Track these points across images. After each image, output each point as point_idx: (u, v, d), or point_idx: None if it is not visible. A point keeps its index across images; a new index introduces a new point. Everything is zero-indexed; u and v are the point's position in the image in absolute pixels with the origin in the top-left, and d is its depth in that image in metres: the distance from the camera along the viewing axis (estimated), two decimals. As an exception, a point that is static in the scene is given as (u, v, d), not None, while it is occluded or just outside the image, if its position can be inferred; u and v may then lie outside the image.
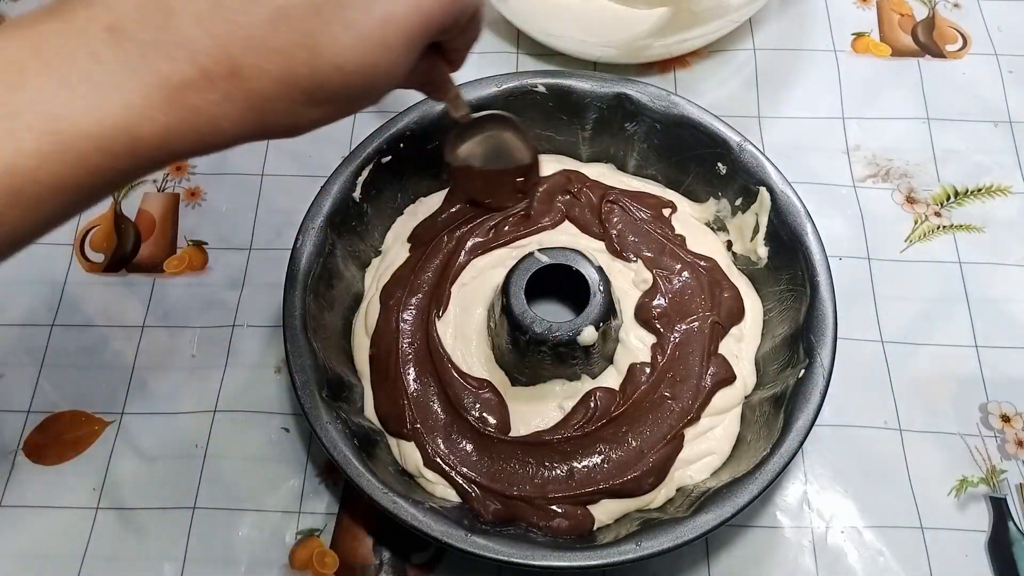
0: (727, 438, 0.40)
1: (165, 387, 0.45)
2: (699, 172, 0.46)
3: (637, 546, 0.35)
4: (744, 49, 0.56)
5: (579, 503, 0.38)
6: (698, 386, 0.41)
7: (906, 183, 0.51)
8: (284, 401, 0.45)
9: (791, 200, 0.42)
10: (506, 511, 0.38)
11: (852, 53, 0.56)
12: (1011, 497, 0.42)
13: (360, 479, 0.36)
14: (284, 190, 0.51)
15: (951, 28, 0.56)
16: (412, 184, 0.46)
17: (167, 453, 0.44)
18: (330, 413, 0.37)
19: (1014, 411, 0.44)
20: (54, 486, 0.43)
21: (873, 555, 0.41)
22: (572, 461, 0.39)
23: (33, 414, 0.45)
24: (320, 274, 0.41)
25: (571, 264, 0.40)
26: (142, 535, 0.42)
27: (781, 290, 0.43)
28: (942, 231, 0.49)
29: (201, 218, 0.50)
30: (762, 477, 0.36)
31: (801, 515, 0.42)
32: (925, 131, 0.53)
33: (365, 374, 0.42)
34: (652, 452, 0.39)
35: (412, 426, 0.40)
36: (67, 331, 0.47)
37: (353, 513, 0.42)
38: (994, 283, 0.48)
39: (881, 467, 0.43)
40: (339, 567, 0.41)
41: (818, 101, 0.54)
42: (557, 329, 0.39)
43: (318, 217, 0.42)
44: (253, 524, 0.42)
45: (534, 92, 0.45)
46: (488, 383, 0.41)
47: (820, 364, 0.38)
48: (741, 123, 0.52)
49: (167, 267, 0.49)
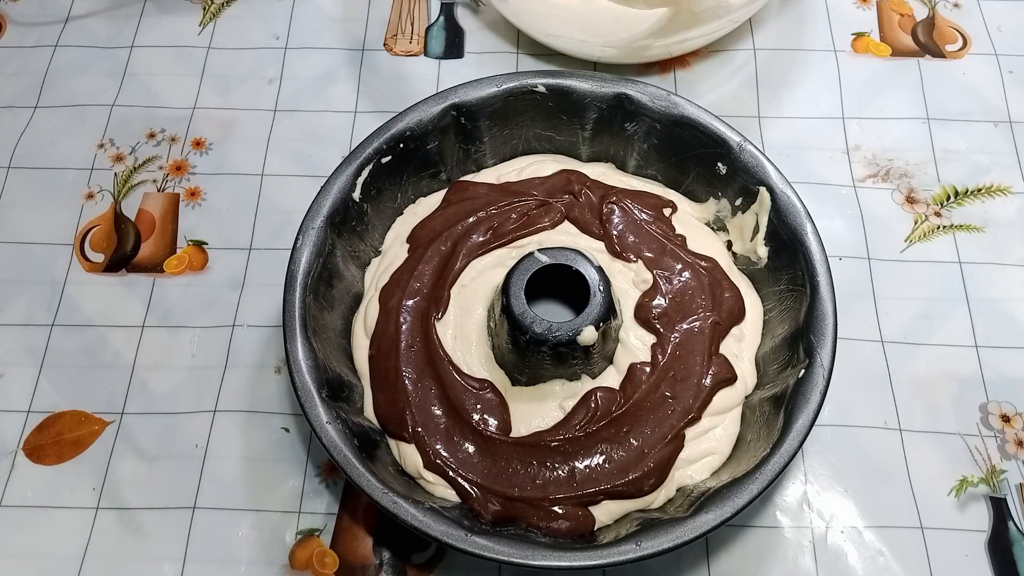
0: (727, 438, 0.40)
1: (165, 387, 0.45)
2: (699, 172, 0.46)
3: (637, 546, 0.35)
4: (744, 49, 0.56)
5: (580, 504, 0.38)
6: (699, 385, 0.41)
7: (906, 183, 0.51)
8: (284, 401, 0.45)
9: (791, 200, 0.42)
10: (507, 512, 0.38)
11: (852, 53, 0.56)
12: (1011, 497, 0.42)
13: (360, 479, 0.36)
14: (284, 190, 0.51)
15: (951, 28, 0.57)
16: (412, 184, 0.46)
17: (167, 453, 0.44)
18: (330, 413, 0.37)
19: (1014, 411, 0.44)
20: (54, 486, 0.43)
21: (873, 555, 0.41)
22: (574, 461, 0.39)
23: (33, 414, 0.45)
24: (320, 274, 0.41)
25: (571, 264, 0.40)
26: (142, 535, 0.42)
27: (781, 290, 0.43)
28: (942, 231, 0.49)
29: (201, 218, 0.50)
30: (762, 477, 0.36)
31: (801, 515, 0.42)
32: (925, 131, 0.53)
33: (365, 374, 0.42)
34: (653, 452, 0.39)
35: (413, 429, 0.40)
36: (67, 331, 0.47)
37: (353, 513, 0.42)
38: (994, 283, 0.48)
39: (881, 467, 0.43)
40: (339, 567, 0.41)
41: (818, 101, 0.54)
42: (557, 329, 0.39)
43: (318, 217, 0.42)
44: (253, 524, 0.42)
45: (534, 92, 0.45)
46: (489, 383, 0.41)
47: (820, 364, 0.38)
48: (741, 123, 0.52)
49: (167, 267, 0.49)
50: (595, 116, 0.46)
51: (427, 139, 0.45)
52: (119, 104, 0.54)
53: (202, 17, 0.58)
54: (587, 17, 0.51)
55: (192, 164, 0.52)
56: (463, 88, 0.45)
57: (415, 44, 0.56)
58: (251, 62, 0.56)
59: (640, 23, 0.51)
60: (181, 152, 0.52)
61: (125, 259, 0.49)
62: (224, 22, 0.57)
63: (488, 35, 0.57)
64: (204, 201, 0.51)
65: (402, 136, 0.44)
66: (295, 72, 0.55)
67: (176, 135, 0.53)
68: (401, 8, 0.58)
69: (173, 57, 0.56)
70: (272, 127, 0.53)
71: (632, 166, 0.48)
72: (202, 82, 0.55)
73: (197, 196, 0.51)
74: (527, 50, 0.56)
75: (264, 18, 0.57)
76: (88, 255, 0.49)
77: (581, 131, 0.47)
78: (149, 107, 0.54)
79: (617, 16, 0.51)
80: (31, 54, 0.56)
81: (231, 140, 0.53)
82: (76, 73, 0.55)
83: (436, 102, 0.45)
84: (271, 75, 0.55)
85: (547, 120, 0.47)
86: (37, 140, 0.53)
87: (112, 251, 0.49)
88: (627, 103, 0.45)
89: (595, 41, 0.52)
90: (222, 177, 0.51)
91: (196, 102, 0.54)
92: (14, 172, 0.52)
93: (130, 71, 0.55)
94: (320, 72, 0.55)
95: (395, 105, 0.51)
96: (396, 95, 0.54)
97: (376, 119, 0.50)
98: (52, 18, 0.58)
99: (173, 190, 0.51)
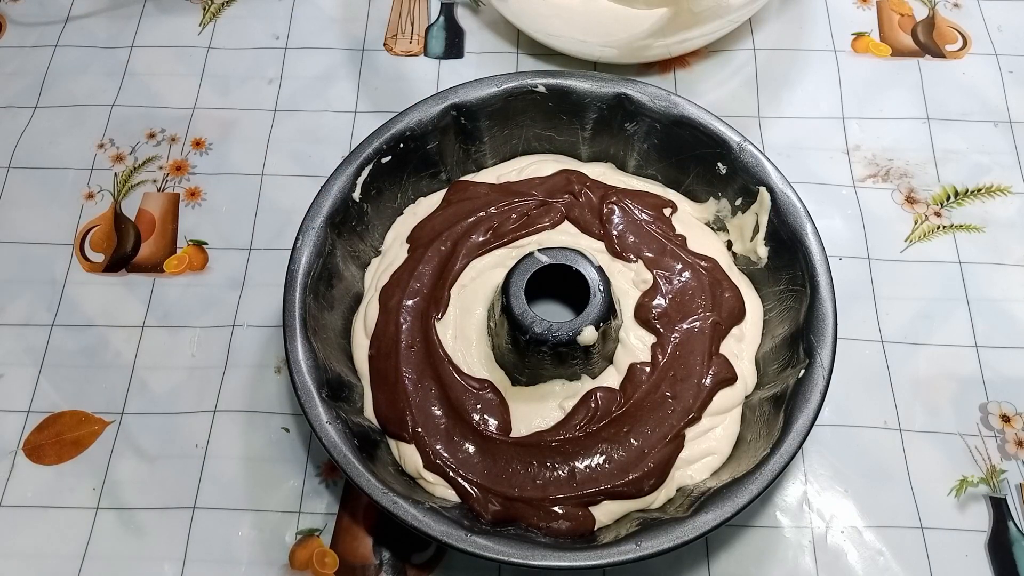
0: (727, 438, 0.40)
1: (165, 387, 0.45)
2: (699, 172, 0.46)
3: (637, 546, 0.35)
4: (744, 49, 0.56)
5: (581, 504, 0.38)
6: (699, 385, 0.41)
7: (906, 183, 0.51)
8: (284, 401, 0.45)
9: (791, 200, 0.42)
10: (507, 512, 0.38)
11: (852, 53, 0.56)
12: (1011, 497, 0.42)
13: (360, 479, 0.36)
14: (284, 190, 0.51)
15: (951, 28, 0.57)
16: (412, 184, 0.46)
17: (167, 453, 0.44)
18: (330, 413, 0.37)
19: (1014, 411, 0.44)
20: (54, 486, 0.43)
21: (873, 555, 0.41)
22: (574, 461, 0.39)
23: (33, 414, 0.45)
24: (320, 274, 0.41)
25: (571, 264, 0.40)
26: (142, 535, 0.42)
27: (781, 290, 0.43)
28: (942, 231, 0.49)
29: (201, 218, 0.50)
30: (762, 477, 0.36)
31: (801, 515, 0.42)
32: (925, 131, 0.53)
33: (364, 374, 0.42)
34: (653, 452, 0.39)
35: (413, 430, 0.40)
36: (67, 331, 0.47)
37: (353, 513, 0.42)
38: (994, 283, 0.48)
39: (881, 467, 0.43)
40: (339, 567, 0.41)
41: (818, 101, 0.54)
42: (557, 329, 0.39)
43: (318, 217, 0.42)
44: (253, 524, 0.42)
45: (534, 92, 0.45)
46: (489, 383, 0.41)
47: (820, 364, 0.38)
48: (741, 123, 0.52)
49: (167, 267, 0.49)
50: (595, 116, 0.46)
51: (427, 139, 0.45)
52: (119, 104, 0.54)
53: (202, 17, 0.58)
54: (587, 17, 0.51)
55: (192, 164, 0.52)
56: (463, 88, 0.45)
57: (415, 44, 0.56)
58: (251, 62, 0.56)
59: (640, 23, 0.51)
60: (181, 152, 0.52)
61: (125, 259, 0.49)
62: (224, 22, 0.57)
63: (488, 35, 0.57)
64: (204, 201, 0.51)
65: (402, 136, 0.44)
66: (295, 72, 0.55)
67: (176, 135, 0.53)
68: (401, 8, 0.58)
69: (173, 57, 0.56)
70: (272, 127, 0.53)
71: (632, 166, 0.48)
72: (202, 82, 0.55)
73: (197, 196, 0.51)
74: (527, 50, 0.56)
75: (264, 18, 0.57)
76: (88, 255, 0.49)
77: (581, 131, 0.47)
78: (149, 107, 0.54)
79: (617, 16, 0.51)
80: (31, 54, 0.56)
81: (231, 140, 0.53)
82: (76, 73, 0.55)
83: (436, 102, 0.45)
84: (271, 75, 0.55)
85: (547, 120, 0.47)
86: (37, 140, 0.53)
87: (112, 251, 0.49)
88: (627, 103, 0.45)
89: (595, 41, 0.52)
90: (222, 177, 0.51)
91: (196, 102, 0.54)
92: (14, 172, 0.52)
93: (130, 71, 0.55)
94: (320, 72, 0.55)
95: (395, 105, 0.51)
96: (396, 95, 0.54)
97: (376, 119, 0.50)
98: (52, 18, 0.58)
99: (173, 190, 0.51)
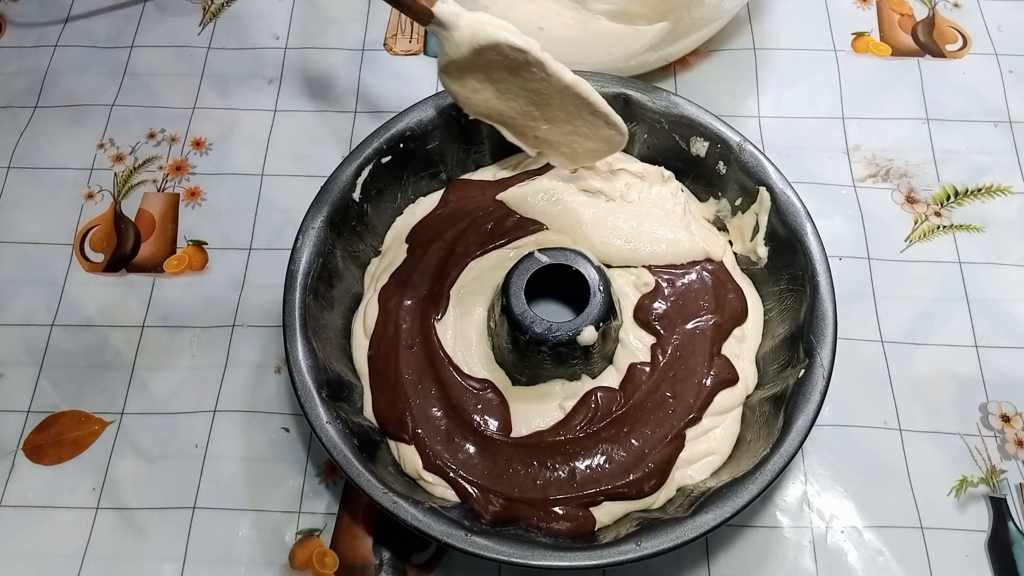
0: (727, 438, 0.40)
1: (165, 387, 0.45)
2: (699, 172, 0.46)
3: (637, 546, 0.35)
4: (744, 49, 0.56)
5: (581, 505, 0.38)
6: (700, 386, 0.41)
7: (906, 183, 0.51)
8: (284, 401, 0.45)
9: (791, 200, 0.42)
10: (507, 512, 0.38)
11: (852, 53, 0.56)
12: (1011, 497, 0.42)
13: (360, 479, 0.36)
14: (284, 190, 0.51)
15: (951, 28, 0.56)
16: (412, 184, 0.46)
17: (167, 453, 0.44)
18: (330, 413, 0.37)
19: (1014, 411, 0.44)
20: (54, 486, 0.43)
21: (873, 555, 0.41)
22: (574, 462, 0.39)
23: (33, 414, 0.45)
24: (320, 274, 0.41)
25: (571, 264, 0.40)
26: (142, 535, 0.42)
27: (781, 290, 0.43)
28: (942, 231, 0.49)
29: (201, 218, 0.50)
30: (762, 477, 0.36)
31: (801, 515, 0.42)
32: (925, 131, 0.53)
33: (364, 374, 0.42)
34: (654, 452, 0.39)
35: (413, 431, 0.40)
36: (67, 331, 0.47)
37: (353, 513, 0.42)
38: (994, 283, 0.48)
39: (881, 467, 0.43)
40: (339, 567, 0.41)
41: (818, 101, 0.54)
42: (557, 329, 0.39)
43: (318, 217, 0.42)
44: (253, 524, 0.42)
45: (534, 92, 0.45)
46: (489, 383, 0.41)
47: (820, 364, 0.38)
48: (741, 123, 0.52)
49: (167, 267, 0.49)
50: (595, 116, 0.46)
51: (427, 139, 0.45)
52: (119, 104, 0.54)
53: (202, 17, 0.58)
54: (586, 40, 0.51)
55: (192, 164, 0.52)
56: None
57: (415, 44, 0.56)
58: (251, 62, 0.56)
59: (639, 39, 0.50)
60: (181, 152, 0.52)
61: (125, 259, 0.49)
62: (224, 22, 0.57)
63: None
64: (204, 201, 0.51)
65: (402, 136, 0.44)
66: (295, 72, 0.55)
67: (176, 135, 0.53)
68: (401, 8, 0.58)
69: (173, 57, 0.56)
70: (272, 127, 0.53)
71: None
72: (202, 82, 0.55)
73: (197, 196, 0.51)
74: (527, 50, 0.56)
75: (264, 18, 0.57)
76: (88, 255, 0.49)
77: (581, 131, 0.47)
78: (149, 107, 0.54)
79: (618, 35, 0.51)
80: (31, 54, 0.56)
81: (231, 140, 0.53)
82: (76, 73, 0.55)
83: (436, 102, 0.44)
84: (271, 75, 0.55)
85: (547, 120, 0.47)
86: (37, 140, 0.53)
87: (112, 251, 0.49)
88: (628, 103, 0.45)
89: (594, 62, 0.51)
90: (222, 177, 0.51)
91: (196, 102, 0.54)
92: (14, 172, 0.52)
93: (130, 71, 0.55)
94: (320, 72, 0.55)
95: (395, 105, 0.51)
96: (396, 95, 0.54)
97: (376, 119, 0.50)
98: (52, 18, 0.58)
99: (173, 190, 0.51)
